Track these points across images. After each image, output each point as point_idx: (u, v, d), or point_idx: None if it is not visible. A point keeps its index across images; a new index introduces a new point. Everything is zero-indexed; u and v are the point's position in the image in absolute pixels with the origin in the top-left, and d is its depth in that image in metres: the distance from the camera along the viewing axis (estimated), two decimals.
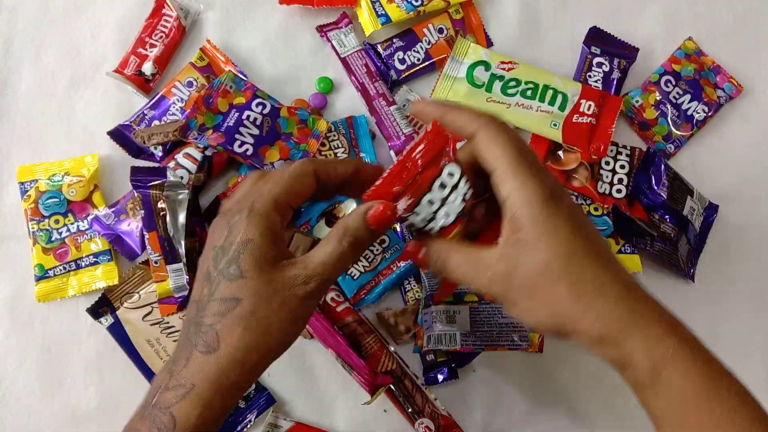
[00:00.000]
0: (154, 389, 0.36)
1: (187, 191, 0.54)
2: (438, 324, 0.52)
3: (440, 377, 0.55)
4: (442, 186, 0.38)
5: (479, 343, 0.52)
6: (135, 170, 0.55)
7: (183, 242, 0.53)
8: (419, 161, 0.38)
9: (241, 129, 0.56)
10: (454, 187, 0.38)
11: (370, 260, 0.56)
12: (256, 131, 0.56)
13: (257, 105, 0.57)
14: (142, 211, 0.54)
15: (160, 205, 0.54)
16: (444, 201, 0.38)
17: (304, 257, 0.37)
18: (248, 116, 0.56)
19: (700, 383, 0.34)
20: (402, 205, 0.38)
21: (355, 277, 0.56)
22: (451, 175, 0.38)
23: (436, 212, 0.38)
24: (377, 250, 0.56)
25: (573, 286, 0.35)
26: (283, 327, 0.36)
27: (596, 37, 0.64)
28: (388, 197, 0.38)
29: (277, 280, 0.36)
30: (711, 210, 0.61)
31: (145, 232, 0.54)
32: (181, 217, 0.54)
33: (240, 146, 0.55)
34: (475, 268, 0.37)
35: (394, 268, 0.56)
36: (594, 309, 0.34)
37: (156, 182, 0.54)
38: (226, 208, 0.38)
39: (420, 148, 0.38)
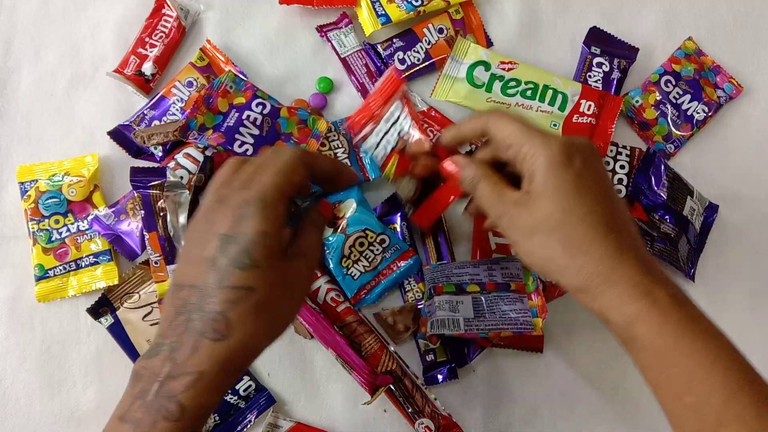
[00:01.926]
0: (150, 377, 0.35)
1: (188, 192, 0.54)
2: (441, 311, 0.52)
3: (440, 377, 0.55)
4: (387, 120, 0.52)
5: (483, 327, 0.51)
6: (135, 171, 0.55)
7: (183, 243, 0.53)
8: (377, 101, 0.53)
9: (241, 129, 0.56)
10: (395, 123, 0.52)
11: (370, 260, 0.56)
12: (256, 131, 0.56)
13: (257, 105, 0.57)
14: (142, 212, 0.54)
15: (160, 205, 0.54)
16: (386, 133, 0.51)
17: (298, 247, 0.40)
18: (248, 116, 0.56)
19: (674, 340, 0.37)
20: (366, 130, 0.53)
21: (355, 277, 0.56)
22: (395, 111, 0.52)
23: (380, 140, 0.52)
24: (377, 250, 0.56)
25: (564, 238, 0.40)
26: (289, 312, 0.40)
27: (596, 37, 0.64)
28: (358, 125, 0.55)
29: (287, 270, 0.38)
30: (711, 210, 0.61)
31: (145, 233, 0.54)
32: (182, 218, 0.54)
33: (240, 146, 0.55)
34: (498, 201, 0.43)
35: (395, 268, 0.56)
36: (577, 262, 0.39)
37: (156, 182, 0.54)
38: (223, 194, 0.39)
39: (379, 91, 0.53)
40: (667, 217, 0.58)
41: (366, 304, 0.57)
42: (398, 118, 0.50)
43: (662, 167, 0.59)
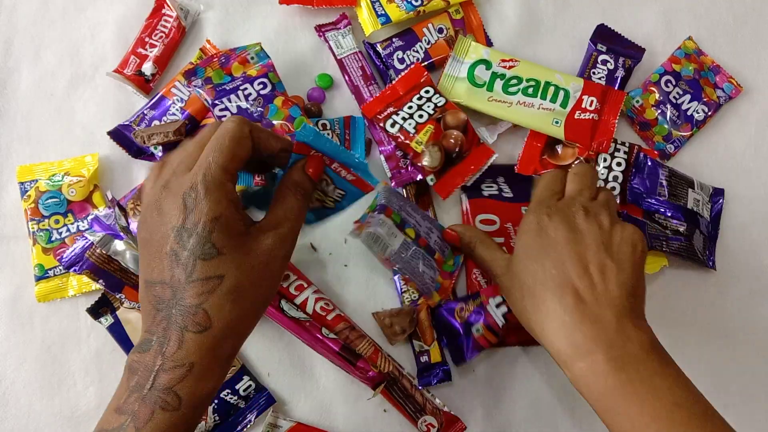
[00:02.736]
0: (144, 371, 0.36)
1: (122, 236, 0.54)
2: (381, 229, 0.52)
3: (434, 379, 0.54)
4: (420, 98, 0.58)
5: (400, 267, 0.53)
6: (66, 260, 0.54)
7: (139, 231, 0.53)
8: (401, 87, 0.59)
9: (232, 96, 0.56)
10: (428, 99, 0.58)
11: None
12: (244, 104, 0.56)
13: (260, 83, 0.57)
14: (101, 281, 0.53)
15: (106, 262, 0.54)
16: (420, 107, 0.57)
17: (268, 219, 0.39)
18: (245, 88, 0.56)
19: (612, 402, 0.41)
20: (389, 110, 0.57)
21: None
22: (427, 91, 0.59)
23: (413, 114, 0.57)
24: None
25: (525, 299, 0.46)
26: (268, 291, 0.39)
27: (603, 35, 0.63)
28: (379, 106, 0.58)
29: (255, 249, 0.37)
30: (717, 195, 0.61)
31: (120, 295, 0.54)
32: (129, 257, 0.54)
33: (221, 110, 0.55)
34: (490, 259, 0.51)
35: None
36: (534, 319, 0.45)
37: (87, 249, 0.54)
38: (166, 178, 0.37)
39: (402, 80, 0.59)
40: (671, 214, 0.58)
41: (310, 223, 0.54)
42: (432, 95, 0.58)
43: (658, 170, 0.59)
